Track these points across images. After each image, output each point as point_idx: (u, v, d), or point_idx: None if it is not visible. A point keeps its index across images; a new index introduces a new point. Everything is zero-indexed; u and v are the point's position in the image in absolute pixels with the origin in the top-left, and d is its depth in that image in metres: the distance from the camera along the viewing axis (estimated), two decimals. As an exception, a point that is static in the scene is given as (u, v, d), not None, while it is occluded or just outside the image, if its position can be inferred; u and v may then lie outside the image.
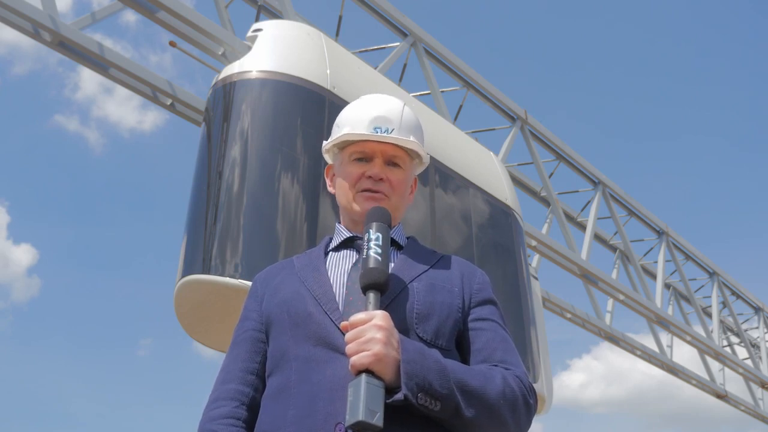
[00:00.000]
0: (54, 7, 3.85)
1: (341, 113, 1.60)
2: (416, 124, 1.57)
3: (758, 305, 11.10)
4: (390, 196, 1.50)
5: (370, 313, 1.24)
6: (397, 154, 1.53)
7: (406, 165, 1.55)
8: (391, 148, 1.52)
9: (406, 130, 1.53)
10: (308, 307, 1.36)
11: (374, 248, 1.32)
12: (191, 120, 4.66)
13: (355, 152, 1.52)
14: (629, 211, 8.27)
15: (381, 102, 1.57)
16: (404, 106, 1.57)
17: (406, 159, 1.55)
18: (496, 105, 6.43)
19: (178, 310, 3.36)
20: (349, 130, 1.52)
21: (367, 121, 1.51)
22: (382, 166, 1.51)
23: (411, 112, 1.58)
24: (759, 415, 10.61)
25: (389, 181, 1.51)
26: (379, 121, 1.51)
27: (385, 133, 1.50)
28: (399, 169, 1.53)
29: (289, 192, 3.34)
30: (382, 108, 1.54)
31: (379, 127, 1.51)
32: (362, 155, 1.52)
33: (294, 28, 3.89)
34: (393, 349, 1.21)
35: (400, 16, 5.53)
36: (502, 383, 1.31)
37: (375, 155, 1.51)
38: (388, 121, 1.51)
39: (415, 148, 1.54)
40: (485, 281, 1.52)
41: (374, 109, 1.54)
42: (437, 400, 1.21)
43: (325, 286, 1.40)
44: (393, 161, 1.52)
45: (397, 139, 1.50)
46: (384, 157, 1.52)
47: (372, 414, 1.12)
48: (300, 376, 1.30)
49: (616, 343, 8.08)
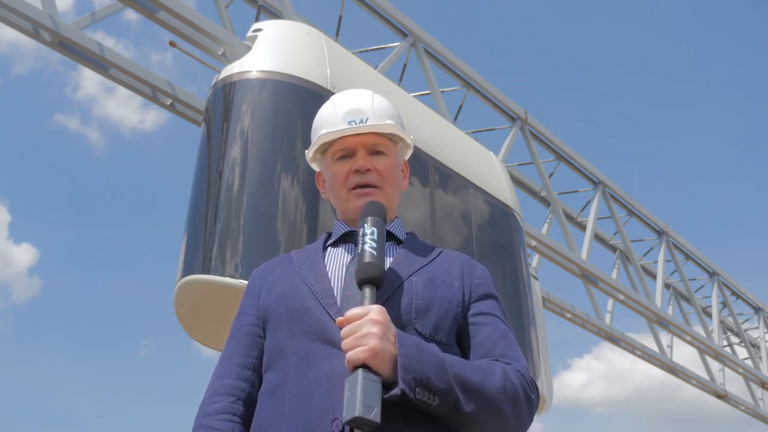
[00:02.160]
0: (54, 7, 3.85)
1: (315, 119, 1.59)
2: (390, 109, 1.56)
3: (758, 305, 11.09)
4: (381, 185, 1.49)
5: (366, 308, 1.23)
6: (379, 141, 1.52)
7: (391, 151, 1.54)
8: (371, 137, 1.50)
9: (380, 116, 1.52)
10: (306, 302, 1.35)
11: (369, 243, 1.31)
12: (191, 120, 4.66)
13: (336, 151, 1.51)
14: (629, 211, 8.26)
15: (350, 96, 1.56)
16: (374, 94, 1.55)
17: (389, 145, 1.54)
18: (496, 105, 6.43)
19: (178, 310, 3.36)
20: (325, 131, 1.51)
21: (340, 117, 1.50)
22: (366, 157, 1.50)
23: (382, 98, 1.57)
24: (759, 415, 10.61)
25: (377, 170, 1.49)
26: (352, 114, 1.50)
27: (360, 123, 1.49)
28: (384, 156, 1.52)
29: (289, 192, 3.34)
30: (353, 101, 1.53)
31: (353, 120, 1.49)
32: (344, 152, 1.51)
33: (294, 28, 3.90)
34: (390, 344, 1.19)
35: (400, 16, 5.53)
36: (503, 378, 1.29)
37: (356, 148, 1.50)
38: (361, 112, 1.50)
39: (393, 131, 1.52)
40: (486, 276, 1.51)
41: (345, 104, 1.53)
42: (435, 395, 1.19)
43: (323, 280, 1.39)
44: (376, 149, 1.51)
45: (373, 126, 1.49)
46: (366, 147, 1.50)
47: (369, 409, 1.11)
48: (297, 372, 1.29)
49: (616, 343, 8.08)
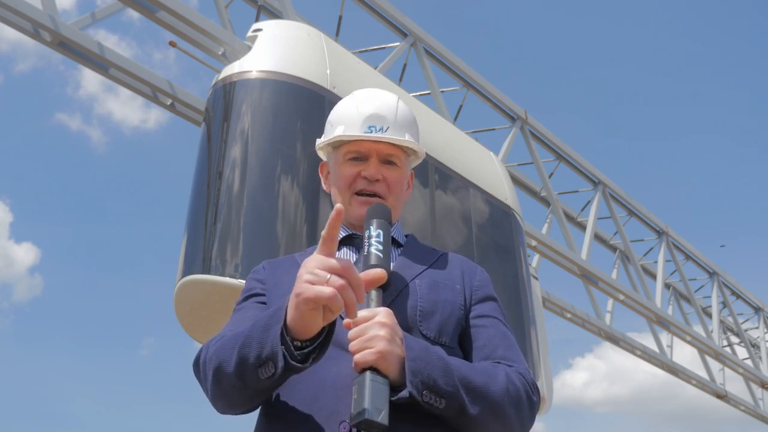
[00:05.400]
0: (54, 7, 3.84)
1: (334, 110, 1.57)
2: (411, 120, 1.54)
3: (758, 305, 11.09)
4: (386, 196, 1.48)
5: (373, 310, 1.22)
6: (393, 152, 1.50)
7: (402, 163, 1.53)
8: (386, 147, 1.49)
9: (401, 127, 1.50)
10: None
11: (375, 245, 1.31)
12: (191, 120, 4.66)
13: (349, 152, 1.50)
14: (629, 211, 8.26)
15: (374, 98, 1.53)
16: (398, 102, 1.53)
17: (402, 156, 1.52)
18: (496, 105, 6.43)
19: (179, 310, 3.36)
20: (343, 130, 1.49)
21: (361, 120, 1.48)
22: (377, 165, 1.48)
23: (405, 107, 1.55)
24: (759, 415, 10.60)
25: (385, 181, 1.48)
26: (373, 119, 1.48)
27: (380, 132, 1.47)
28: (395, 167, 1.50)
29: (289, 192, 3.34)
30: (376, 105, 1.50)
31: (373, 125, 1.47)
32: (357, 155, 1.49)
33: (294, 28, 3.89)
34: (397, 347, 1.19)
35: (400, 16, 5.52)
36: (506, 380, 1.29)
37: (370, 155, 1.48)
38: (383, 119, 1.48)
39: (411, 147, 1.51)
40: (486, 278, 1.51)
41: (368, 106, 1.50)
42: (442, 398, 1.19)
43: None
44: (389, 159, 1.50)
45: (393, 139, 1.47)
46: (379, 156, 1.49)
47: (377, 412, 1.11)
48: (303, 374, 1.27)
49: (616, 343, 8.07)
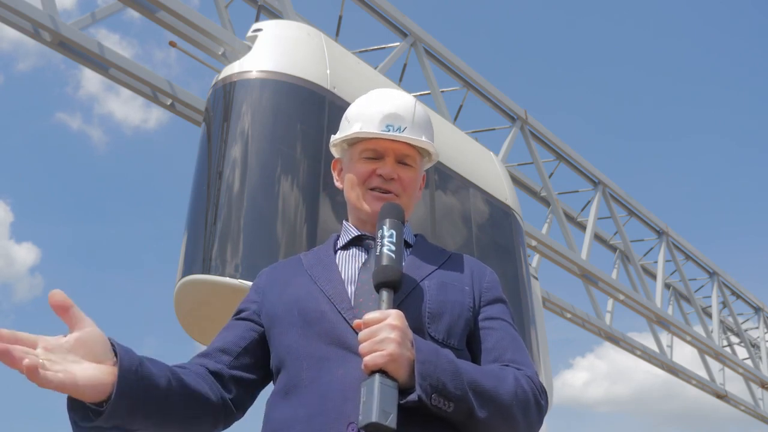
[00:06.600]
0: (54, 7, 3.84)
1: (351, 107, 1.57)
2: (427, 122, 1.55)
3: (758, 305, 11.10)
4: (400, 195, 1.48)
5: (384, 312, 1.21)
6: (409, 153, 1.51)
7: (417, 164, 1.53)
8: (403, 146, 1.50)
9: (418, 128, 1.51)
10: (321, 306, 1.34)
11: (388, 245, 1.29)
12: (191, 120, 4.66)
13: (366, 150, 1.50)
14: (629, 211, 8.27)
15: (393, 98, 1.54)
16: (416, 103, 1.55)
17: (417, 158, 1.53)
18: (496, 105, 6.43)
19: (179, 309, 3.36)
20: (360, 127, 1.50)
21: (379, 119, 1.49)
22: (393, 165, 1.49)
23: (422, 108, 1.56)
24: (759, 415, 10.61)
25: (400, 180, 1.49)
26: (391, 118, 1.49)
27: (398, 131, 1.48)
28: (410, 168, 1.51)
29: (289, 192, 3.34)
30: (395, 105, 1.51)
31: (391, 124, 1.48)
32: (373, 153, 1.50)
33: (294, 28, 3.89)
34: (407, 349, 1.18)
35: (400, 16, 5.52)
36: (515, 384, 1.28)
37: (387, 153, 1.49)
38: (401, 119, 1.49)
39: (427, 148, 1.52)
40: (495, 280, 1.51)
41: (387, 105, 1.51)
42: (451, 401, 1.19)
43: (337, 284, 1.37)
44: (404, 160, 1.51)
45: (411, 139, 1.48)
46: (395, 155, 1.49)
47: (386, 415, 1.10)
48: (311, 375, 1.27)
49: (616, 343, 8.08)
